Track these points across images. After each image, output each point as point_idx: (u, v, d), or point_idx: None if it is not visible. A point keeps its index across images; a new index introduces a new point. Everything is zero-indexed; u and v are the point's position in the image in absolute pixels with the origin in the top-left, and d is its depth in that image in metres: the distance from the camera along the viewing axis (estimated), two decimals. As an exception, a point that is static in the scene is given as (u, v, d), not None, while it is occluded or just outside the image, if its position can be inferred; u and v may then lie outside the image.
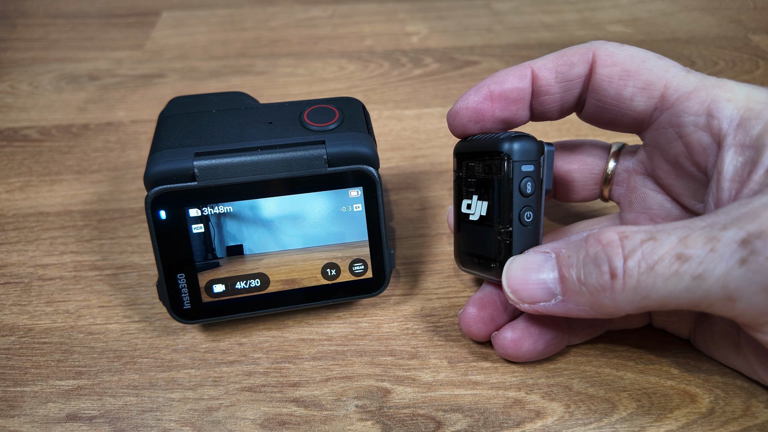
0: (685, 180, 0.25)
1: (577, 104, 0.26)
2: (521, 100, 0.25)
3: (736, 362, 0.25)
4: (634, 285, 0.20)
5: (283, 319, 0.30)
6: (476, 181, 0.26)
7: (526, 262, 0.23)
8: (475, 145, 0.26)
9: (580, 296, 0.21)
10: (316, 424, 0.25)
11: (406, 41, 0.57)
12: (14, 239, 0.35)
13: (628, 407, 0.25)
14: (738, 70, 0.51)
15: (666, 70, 0.23)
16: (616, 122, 0.25)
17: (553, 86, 0.25)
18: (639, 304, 0.20)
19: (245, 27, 0.60)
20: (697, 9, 0.62)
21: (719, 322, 0.25)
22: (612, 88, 0.24)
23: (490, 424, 0.25)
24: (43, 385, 0.27)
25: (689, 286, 0.19)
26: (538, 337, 0.26)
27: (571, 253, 0.22)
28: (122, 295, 0.31)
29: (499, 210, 0.25)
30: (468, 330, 0.27)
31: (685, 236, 0.19)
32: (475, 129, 0.26)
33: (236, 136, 0.27)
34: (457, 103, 0.26)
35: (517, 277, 0.23)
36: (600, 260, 0.20)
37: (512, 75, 0.25)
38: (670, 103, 0.23)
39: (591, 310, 0.21)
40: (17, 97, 0.49)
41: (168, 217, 0.25)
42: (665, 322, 0.27)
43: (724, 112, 0.22)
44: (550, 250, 0.23)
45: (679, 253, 0.19)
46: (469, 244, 0.27)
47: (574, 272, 0.21)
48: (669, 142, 0.24)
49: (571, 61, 0.25)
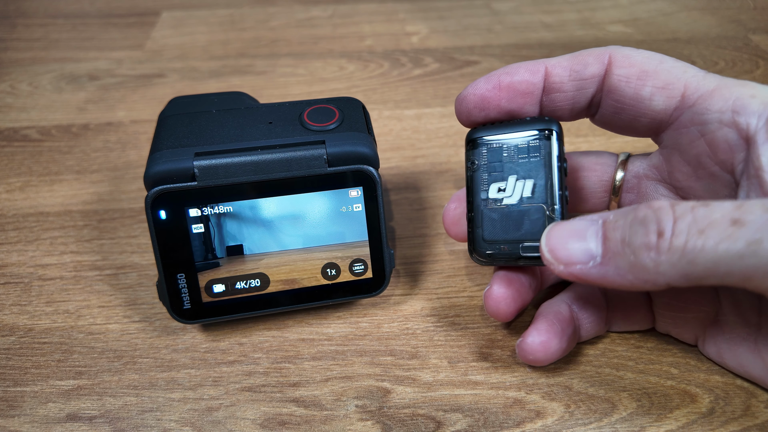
0: (705, 181, 0.24)
1: (589, 106, 0.26)
2: (530, 95, 0.25)
3: (754, 368, 0.25)
4: (681, 246, 0.19)
5: (283, 319, 0.30)
6: (510, 163, 0.26)
7: (570, 225, 0.23)
8: (505, 128, 0.26)
9: (621, 258, 0.21)
10: (316, 424, 0.25)
11: (406, 41, 0.57)
12: (14, 239, 0.35)
13: (628, 407, 0.25)
14: (738, 70, 0.51)
15: (684, 71, 0.23)
16: (634, 124, 0.25)
17: (566, 84, 0.25)
18: (683, 269, 0.19)
19: (245, 27, 0.60)
20: (697, 9, 0.62)
21: (733, 328, 0.25)
22: (630, 88, 0.24)
23: (490, 424, 0.25)
24: (43, 385, 0.27)
25: (743, 253, 0.18)
26: (561, 335, 0.25)
27: (619, 218, 0.21)
28: (122, 295, 0.31)
29: (548, 187, 0.25)
30: (496, 309, 0.26)
31: (741, 204, 0.19)
32: (479, 116, 0.26)
33: (236, 136, 0.27)
34: (467, 88, 0.26)
35: (557, 237, 0.23)
36: (648, 220, 0.20)
37: (524, 68, 0.25)
38: (691, 101, 0.23)
39: (629, 275, 0.20)
40: (17, 97, 0.49)
41: (168, 217, 0.25)
42: (670, 325, 0.27)
43: (751, 108, 0.22)
44: (597, 217, 0.22)
45: (735, 218, 0.18)
46: (496, 230, 0.26)
47: (618, 234, 0.21)
48: (691, 141, 0.24)
49: (586, 61, 0.25)
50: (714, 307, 0.26)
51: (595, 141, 0.42)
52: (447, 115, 0.45)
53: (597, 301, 0.27)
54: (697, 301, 0.26)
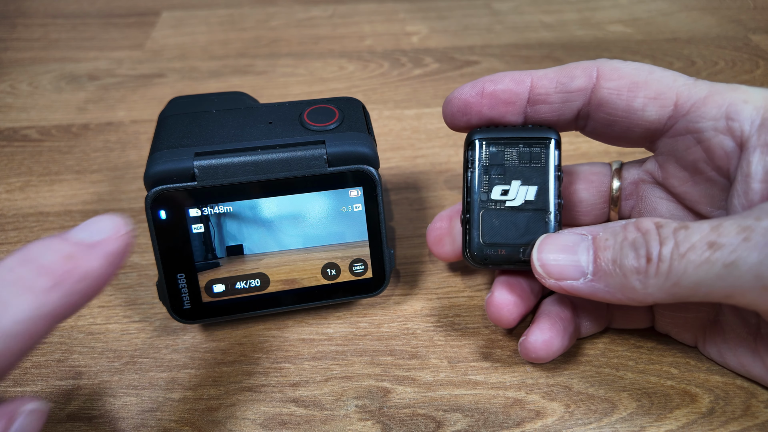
0: (702, 186, 0.25)
1: (576, 119, 0.26)
2: (513, 104, 0.25)
3: (753, 368, 0.25)
4: (666, 270, 0.20)
5: (283, 319, 0.30)
6: (513, 167, 0.26)
7: (561, 239, 0.23)
8: (507, 132, 0.26)
9: (612, 278, 0.21)
10: (316, 424, 0.25)
11: (406, 41, 0.57)
12: (14, 239, 0.35)
13: (628, 407, 0.25)
14: (738, 70, 0.51)
15: (675, 80, 0.24)
16: (627, 134, 0.25)
17: (552, 95, 0.25)
18: (669, 290, 0.20)
19: (245, 27, 0.60)
20: (697, 9, 0.62)
21: (733, 328, 0.25)
22: (621, 100, 0.24)
23: (490, 424, 0.25)
24: (43, 385, 0.27)
25: (721, 274, 0.19)
26: (563, 333, 0.25)
27: (609, 237, 0.22)
28: (122, 295, 0.31)
29: (549, 194, 0.25)
30: (498, 315, 0.26)
31: (717, 225, 0.20)
32: (462, 121, 0.26)
33: (236, 136, 0.27)
34: (454, 92, 0.26)
35: (548, 251, 0.23)
36: (638, 245, 0.21)
37: (510, 78, 0.25)
38: (685, 110, 0.23)
39: (619, 293, 0.21)
40: (17, 97, 0.49)
41: (168, 217, 0.25)
42: (669, 325, 0.27)
43: (744, 114, 0.22)
44: (587, 232, 0.23)
45: (711, 241, 0.19)
46: (495, 233, 0.26)
47: (609, 254, 0.22)
48: (687, 148, 0.24)
49: (573, 74, 0.25)
50: (713, 308, 0.26)
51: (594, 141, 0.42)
52: (447, 115, 0.45)
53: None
54: (696, 303, 0.26)
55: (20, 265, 0.16)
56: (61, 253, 0.17)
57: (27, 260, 0.16)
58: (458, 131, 0.27)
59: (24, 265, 0.16)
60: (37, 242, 0.17)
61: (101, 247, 0.18)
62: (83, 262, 0.17)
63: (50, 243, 0.17)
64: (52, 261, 0.17)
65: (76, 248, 0.17)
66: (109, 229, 0.18)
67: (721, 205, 0.24)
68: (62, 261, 0.17)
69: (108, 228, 0.18)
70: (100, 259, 0.17)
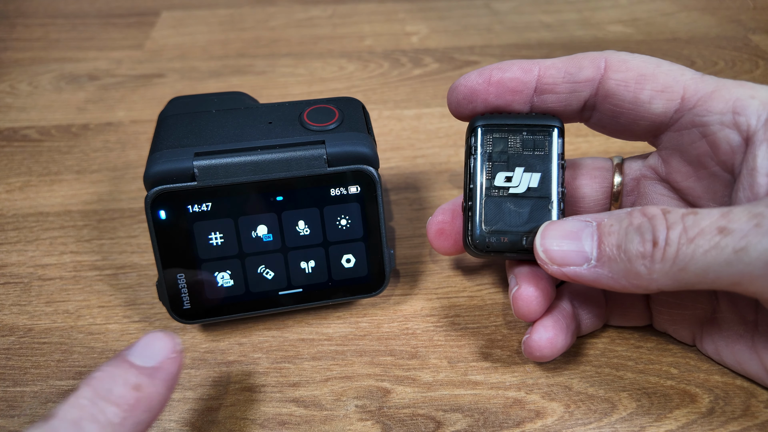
0: (706, 181, 0.25)
1: (582, 110, 0.26)
2: (520, 93, 0.25)
3: (750, 366, 0.25)
4: (673, 255, 0.20)
5: (283, 319, 0.30)
6: (516, 154, 0.26)
7: (564, 225, 0.23)
8: (511, 119, 0.26)
9: (616, 263, 0.21)
10: (316, 424, 0.25)
11: (406, 41, 0.57)
12: (14, 239, 0.35)
13: (628, 407, 0.25)
14: (738, 70, 0.51)
15: (682, 73, 0.24)
16: (632, 127, 0.25)
17: (560, 85, 0.25)
18: (675, 276, 0.20)
19: (245, 27, 0.60)
20: (697, 9, 0.62)
21: (730, 325, 0.25)
22: (629, 92, 0.24)
23: (490, 424, 0.25)
24: (43, 385, 0.27)
25: (730, 260, 0.19)
26: (566, 330, 0.25)
27: (614, 222, 0.22)
28: (122, 295, 0.31)
29: (552, 181, 0.25)
30: (527, 310, 0.25)
31: (727, 211, 0.20)
32: (467, 108, 0.26)
33: (236, 136, 0.27)
34: (459, 78, 0.26)
35: (552, 237, 0.23)
36: (644, 229, 0.21)
37: (517, 66, 0.25)
38: (692, 103, 0.23)
39: (623, 279, 0.21)
40: (17, 97, 0.49)
41: (168, 217, 0.25)
42: (667, 322, 0.27)
43: (750, 109, 0.22)
44: (591, 219, 0.23)
45: (721, 226, 0.19)
46: (498, 220, 0.26)
47: (614, 239, 0.21)
48: (692, 142, 0.24)
49: (581, 64, 0.25)
50: (711, 304, 0.26)
51: (594, 141, 0.42)
52: (447, 115, 0.45)
53: (596, 297, 0.27)
54: (694, 299, 0.26)
55: (94, 398, 0.18)
56: (129, 385, 0.18)
57: (100, 395, 0.18)
58: (462, 119, 0.27)
59: (98, 400, 0.18)
60: (106, 372, 0.18)
61: (162, 373, 0.19)
62: (149, 389, 0.19)
63: (117, 373, 0.19)
64: (122, 394, 0.18)
65: (141, 378, 0.19)
66: (166, 351, 0.20)
67: (724, 201, 0.24)
68: (131, 392, 0.18)
69: (165, 350, 0.20)
70: (162, 386, 0.19)
